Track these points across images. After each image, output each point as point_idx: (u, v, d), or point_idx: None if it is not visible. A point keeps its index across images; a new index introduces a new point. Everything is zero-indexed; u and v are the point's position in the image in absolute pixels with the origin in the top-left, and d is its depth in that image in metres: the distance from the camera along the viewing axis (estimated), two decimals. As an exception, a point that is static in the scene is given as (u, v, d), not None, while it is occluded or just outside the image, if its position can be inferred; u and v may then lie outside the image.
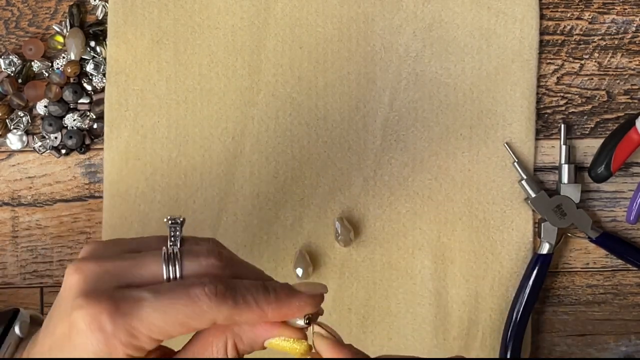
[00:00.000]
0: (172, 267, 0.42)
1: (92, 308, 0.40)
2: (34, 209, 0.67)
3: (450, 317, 0.68)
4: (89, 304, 0.40)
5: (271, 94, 0.67)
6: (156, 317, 0.40)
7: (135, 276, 0.42)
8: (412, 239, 0.68)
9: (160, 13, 0.67)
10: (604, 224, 0.70)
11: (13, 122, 0.66)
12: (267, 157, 0.67)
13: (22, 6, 0.67)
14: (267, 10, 0.67)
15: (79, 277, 0.41)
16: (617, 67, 0.69)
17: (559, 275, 0.70)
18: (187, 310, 0.40)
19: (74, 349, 0.41)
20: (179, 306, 0.40)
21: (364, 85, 0.67)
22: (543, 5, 0.68)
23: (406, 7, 0.67)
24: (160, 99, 0.67)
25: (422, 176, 0.68)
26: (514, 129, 0.68)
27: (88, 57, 0.67)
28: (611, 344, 0.71)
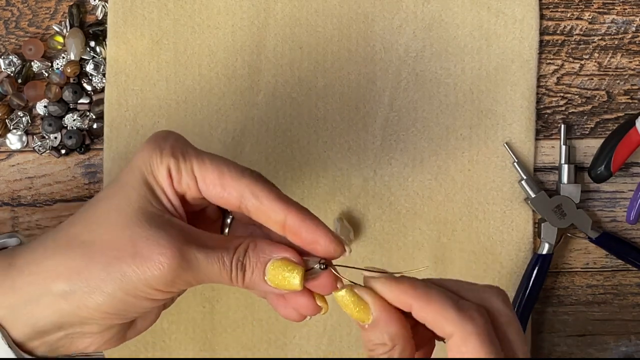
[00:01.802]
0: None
1: (170, 130, 0.47)
2: (33, 209, 0.67)
3: (450, 317, 0.68)
4: (166, 130, 0.47)
5: (271, 94, 0.67)
6: (209, 157, 0.45)
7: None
8: (412, 239, 0.68)
9: (160, 13, 0.67)
10: (604, 224, 0.70)
11: (13, 122, 0.66)
12: (267, 157, 0.67)
13: (22, 6, 0.67)
14: (267, 10, 0.67)
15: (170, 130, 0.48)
16: (617, 67, 0.69)
17: (559, 275, 0.70)
18: (231, 166, 0.45)
19: (131, 160, 0.46)
20: (228, 162, 0.45)
21: (364, 85, 0.67)
22: (543, 5, 0.68)
23: (406, 7, 0.67)
24: (160, 99, 0.67)
25: (422, 176, 0.68)
26: (514, 129, 0.68)
27: (88, 57, 0.67)
28: (611, 344, 0.71)
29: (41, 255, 0.45)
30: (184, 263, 0.43)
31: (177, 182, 0.45)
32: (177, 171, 0.45)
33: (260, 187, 0.45)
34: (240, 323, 0.68)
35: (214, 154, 0.46)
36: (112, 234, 0.44)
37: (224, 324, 0.68)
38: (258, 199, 0.45)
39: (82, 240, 0.44)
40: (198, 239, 0.45)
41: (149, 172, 0.45)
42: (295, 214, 0.45)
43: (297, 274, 0.45)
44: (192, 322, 0.68)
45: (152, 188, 0.45)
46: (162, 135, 0.46)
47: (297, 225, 0.45)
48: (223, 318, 0.68)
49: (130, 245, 0.43)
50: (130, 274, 0.43)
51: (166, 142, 0.46)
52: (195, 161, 0.45)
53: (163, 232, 0.44)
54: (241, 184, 0.45)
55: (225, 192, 0.45)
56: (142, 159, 0.45)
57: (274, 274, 0.45)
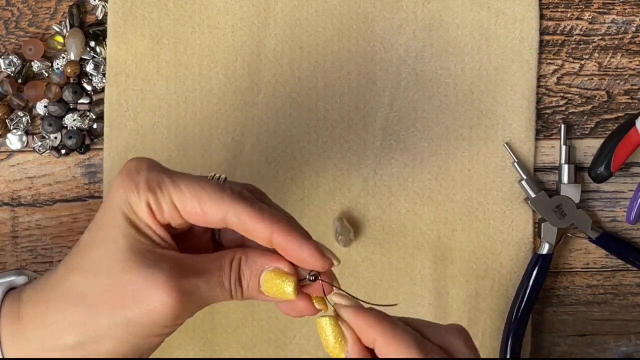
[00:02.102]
0: (215, 178, 0.47)
1: (141, 158, 0.46)
2: (33, 209, 0.67)
3: (450, 317, 0.68)
4: (142, 157, 0.46)
5: (271, 94, 0.67)
6: (184, 183, 0.45)
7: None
8: (412, 239, 0.68)
9: (160, 13, 0.67)
10: (604, 224, 0.70)
11: (13, 122, 0.66)
12: (267, 157, 0.67)
13: (22, 6, 0.67)
14: (267, 10, 0.67)
15: (140, 157, 0.47)
16: (617, 67, 0.69)
17: (559, 275, 0.70)
18: (210, 190, 0.44)
19: (106, 199, 0.46)
20: (206, 185, 0.45)
21: (364, 85, 0.67)
22: (543, 5, 0.68)
23: (406, 7, 0.67)
24: (160, 99, 0.67)
25: (422, 176, 0.68)
26: (514, 129, 0.68)
27: (88, 57, 0.67)
28: (611, 344, 0.71)
29: (45, 309, 0.46)
30: (186, 296, 0.44)
31: (159, 215, 0.45)
32: (157, 205, 0.45)
33: (241, 207, 0.44)
34: (240, 323, 0.68)
35: (190, 177, 0.46)
36: (110, 282, 0.44)
37: (224, 324, 0.68)
38: (240, 219, 0.45)
39: (82, 292, 0.45)
40: (193, 267, 0.45)
41: (130, 211, 0.45)
42: (279, 232, 0.45)
43: (290, 284, 0.45)
44: (192, 322, 0.68)
45: (136, 226, 0.45)
46: (134, 167, 0.46)
47: (281, 243, 0.45)
48: (223, 318, 0.68)
49: (130, 291, 0.44)
50: (135, 319, 0.44)
51: (140, 175, 0.45)
52: (172, 191, 0.45)
53: (158, 270, 0.44)
54: (222, 207, 0.44)
55: (207, 216, 0.45)
56: (120, 198, 0.45)
57: (268, 284, 0.46)
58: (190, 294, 0.44)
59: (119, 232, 0.45)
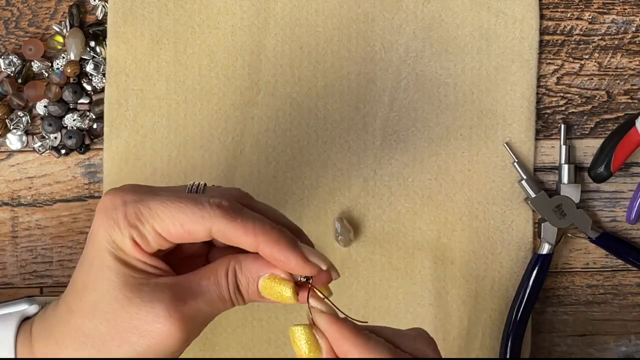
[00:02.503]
0: (194, 189, 0.47)
1: (115, 191, 0.46)
2: (33, 209, 0.67)
3: (450, 317, 0.68)
4: (115, 189, 0.46)
5: (271, 94, 0.67)
6: (161, 209, 0.44)
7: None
8: (412, 239, 0.68)
9: (160, 13, 0.67)
10: (604, 224, 0.70)
11: (13, 122, 0.66)
12: (267, 157, 0.67)
13: (22, 6, 0.67)
14: (267, 10, 0.67)
15: (114, 190, 0.46)
16: (617, 67, 0.69)
17: (559, 275, 0.70)
18: (189, 211, 0.44)
19: (90, 240, 0.46)
20: (184, 206, 0.44)
21: (364, 85, 0.67)
22: (543, 5, 0.68)
23: (406, 7, 0.67)
24: (160, 99, 0.67)
25: (422, 176, 0.68)
26: (514, 129, 0.68)
27: (88, 57, 0.67)
28: (611, 344, 0.71)
29: (55, 347, 0.46)
30: (189, 322, 0.44)
31: (145, 246, 0.45)
32: (142, 238, 0.45)
33: (223, 222, 0.44)
34: (240, 323, 0.68)
35: (168, 198, 0.45)
36: (112, 322, 0.45)
37: (224, 324, 0.68)
38: (224, 234, 0.44)
39: (87, 333, 0.45)
40: (191, 289, 0.45)
41: (116, 249, 0.45)
42: (264, 244, 0.44)
43: (288, 289, 0.45)
44: (192, 322, 0.68)
45: (126, 262, 0.45)
46: (110, 204, 0.45)
47: (267, 254, 0.45)
48: (223, 318, 0.68)
49: (134, 327, 0.44)
50: (142, 352, 0.44)
51: (117, 211, 0.45)
52: (152, 220, 0.44)
53: (157, 302, 0.44)
54: (204, 225, 0.44)
55: (192, 236, 0.45)
56: (103, 238, 0.45)
57: (268, 290, 0.46)
58: (193, 319, 0.45)
59: (110, 272, 0.45)
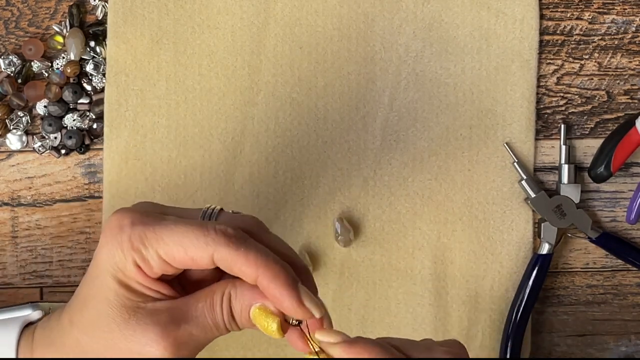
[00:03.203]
0: (207, 216, 0.47)
1: (124, 212, 0.46)
2: (33, 209, 0.67)
3: (450, 317, 0.68)
4: (124, 210, 0.46)
5: (271, 94, 0.67)
6: (167, 234, 0.44)
7: (177, 214, 0.47)
8: (412, 239, 0.68)
9: (160, 13, 0.67)
10: (604, 224, 0.70)
11: (13, 122, 0.66)
12: (267, 157, 0.67)
13: (22, 6, 0.67)
14: (267, 10, 0.67)
15: (131, 207, 0.47)
16: (617, 67, 0.69)
17: (559, 275, 0.70)
18: (193, 237, 0.44)
19: (95, 256, 0.46)
20: (189, 231, 0.44)
21: (364, 85, 0.67)
22: (543, 5, 0.68)
23: (406, 7, 0.67)
24: (160, 99, 0.67)
25: (422, 176, 0.68)
26: (514, 129, 0.68)
27: (88, 57, 0.67)
28: (611, 344, 0.71)
29: (56, 356, 0.47)
30: (181, 346, 0.45)
31: (148, 271, 0.45)
32: (144, 262, 0.45)
33: (226, 251, 0.44)
34: (240, 323, 0.68)
35: (175, 224, 0.45)
36: (109, 341, 0.45)
37: (224, 324, 0.68)
38: (227, 263, 0.44)
39: (85, 349, 0.46)
40: (187, 313, 0.45)
41: (118, 271, 0.45)
42: (263, 276, 0.44)
43: (274, 324, 0.45)
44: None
45: (127, 285, 0.45)
46: (116, 225, 0.45)
47: (264, 287, 0.45)
48: (223, 318, 0.68)
49: (127, 348, 0.45)
50: None
51: (123, 234, 0.45)
52: (157, 245, 0.44)
53: (151, 326, 0.45)
54: (207, 252, 0.44)
55: (195, 263, 0.45)
56: (106, 258, 0.45)
57: (257, 320, 0.46)
58: (185, 343, 0.45)
59: (109, 292, 0.45)
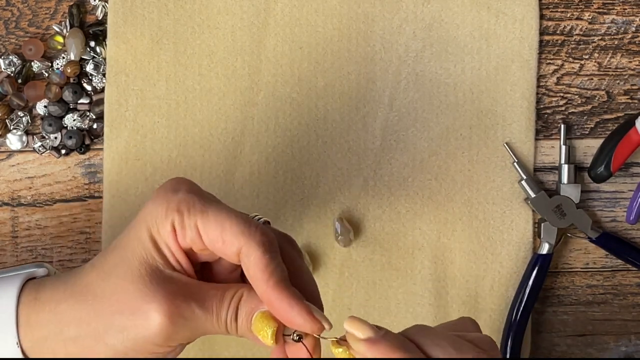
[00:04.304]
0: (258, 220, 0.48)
1: (183, 179, 0.47)
2: (33, 209, 0.67)
3: (450, 317, 0.68)
4: (184, 178, 0.47)
5: (271, 94, 0.67)
6: (212, 210, 0.45)
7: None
8: (412, 239, 0.68)
9: (160, 13, 0.67)
10: (604, 224, 0.70)
11: (13, 122, 0.66)
12: (267, 157, 0.67)
13: (22, 6, 0.67)
14: (267, 10, 0.67)
15: (184, 178, 0.48)
16: (617, 67, 0.69)
17: (559, 275, 0.70)
18: (235, 222, 0.45)
19: (141, 211, 0.47)
20: (232, 215, 0.45)
21: (364, 85, 0.67)
22: (543, 5, 0.68)
23: (406, 7, 0.67)
24: (160, 99, 0.67)
25: (422, 176, 0.68)
26: (513, 129, 0.68)
27: (88, 57, 0.67)
28: (611, 344, 0.71)
29: (60, 296, 0.47)
30: (179, 320, 0.45)
31: (181, 237, 0.46)
32: (181, 226, 0.45)
33: (254, 248, 0.45)
34: (240, 323, 0.68)
35: (223, 206, 0.46)
36: (119, 287, 0.46)
37: (224, 324, 0.68)
38: (247, 260, 0.45)
39: (93, 291, 0.46)
40: (196, 293, 0.46)
41: (154, 227, 0.46)
42: (273, 287, 0.44)
43: (270, 329, 0.45)
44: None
45: (156, 243, 0.46)
46: (172, 187, 0.47)
47: (272, 298, 0.45)
48: (223, 318, 0.68)
49: (132, 300, 0.45)
50: (129, 328, 0.45)
51: (175, 195, 0.46)
52: (199, 215, 0.45)
53: (161, 288, 0.45)
54: (239, 241, 0.45)
55: (225, 247, 0.45)
56: (149, 213, 0.46)
57: (256, 325, 0.46)
58: (184, 319, 0.45)
59: (138, 245, 0.46)
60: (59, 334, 0.47)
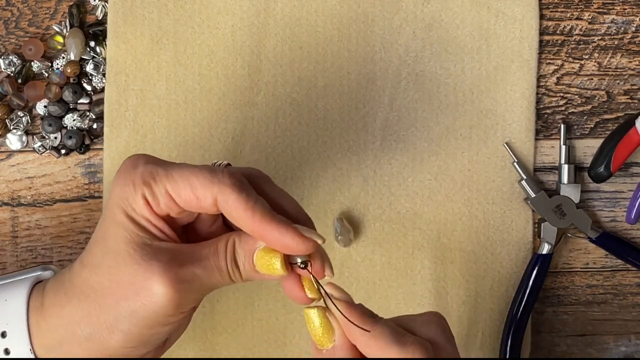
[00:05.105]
0: (218, 166, 0.48)
1: (139, 154, 0.48)
2: (33, 209, 0.67)
3: (450, 317, 0.68)
4: (140, 154, 0.48)
5: (271, 94, 0.67)
6: (177, 172, 0.46)
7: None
8: (412, 239, 0.68)
9: (160, 13, 0.67)
10: (603, 224, 0.70)
11: (13, 122, 0.66)
12: (267, 157, 0.67)
13: (22, 6, 0.67)
14: (267, 10, 0.67)
15: (137, 154, 0.48)
16: (617, 67, 0.69)
17: (559, 275, 0.70)
18: (201, 175, 0.45)
19: (109, 199, 0.47)
20: (198, 171, 0.46)
21: (364, 85, 0.68)
22: (543, 5, 0.68)
23: (406, 7, 0.67)
24: (160, 99, 0.67)
25: (422, 176, 0.68)
26: (513, 129, 0.68)
27: (88, 57, 0.67)
28: (611, 344, 0.71)
29: (63, 299, 0.48)
30: (184, 284, 0.45)
31: (155, 206, 0.46)
32: (153, 197, 0.46)
33: (229, 192, 0.45)
34: (240, 323, 0.68)
35: (185, 165, 0.47)
36: (114, 276, 0.46)
37: (224, 324, 0.68)
38: (227, 206, 0.46)
39: (92, 285, 0.47)
40: (191, 255, 0.46)
41: (128, 206, 0.46)
42: (260, 221, 0.45)
43: (277, 259, 0.46)
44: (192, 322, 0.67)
45: (135, 220, 0.46)
46: (130, 164, 0.47)
47: (263, 231, 0.46)
48: (223, 318, 0.68)
49: (131, 283, 0.46)
50: (138, 310, 0.46)
51: (135, 171, 0.47)
52: (166, 181, 0.46)
53: (155, 262, 0.45)
54: (212, 191, 0.45)
55: (200, 202, 0.46)
56: (118, 195, 0.47)
57: (261, 262, 0.47)
58: (188, 282, 0.46)
59: (119, 228, 0.46)
60: (72, 337, 0.47)
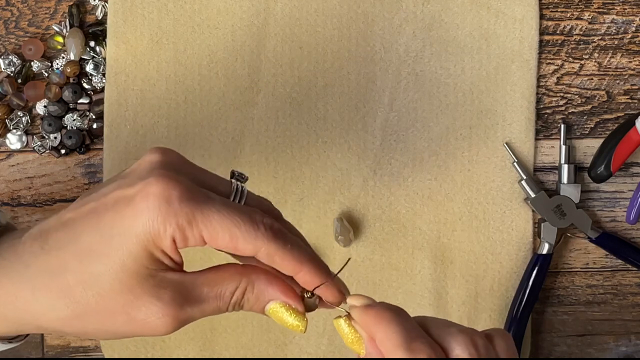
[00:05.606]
0: (238, 195, 0.45)
1: (170, 181, 0.42)
2: (33, 209, 0.67)
3: (450, 317, 0.68)
4: (169, 177, 0.42)
5: (271, 94, 0.67)
6: (216, 219, 0.42)
7: (207, 183, 0.45)
8: (412, 239, 0.68)
9: (160, 13, 0.67)
10: (603, 224, 0.70)
11: (13, 122, 0.66)
12: (266, 157, 0.67)
13: (22, 6, 0.67)
14: (267, 10, 0.67)
15: (162, 157, 0.44)
16: (617, 67, 0.69)
17: (559, 275, 0.70)
18: (243, 228, 0.42)
19: (123, 214, 0.42)
20: (238, 220, 0.42)
21: (364, 85, 0.67)
22: (543, 5, 0.68)
23: (406, 7, 0.67)
24: (160, 99, 0.67)
25: (422, 176, 0.68)
26: (513, 129, 0.68)
27: (88, 57, 0.67)
28: (611, 344, 0.71)
29: (30, 292, 0.44)
30: (180, 323, 0.44)
31: (181, 245, 0.43)
32: (183, 238, 0.42)
33: (274, 247, 0.43)
34: (240, 323, 0.68)
35: (222, 208, 0.43)
36: (105, 299, 0.43)
37: (224, 324, 0.68)
38: (271, 258, 0.44)
39: (75, 295, 0.43)
40: (192, 293, 0.44)
41: (150, 242, 0.42)
42: (307, 272, 0.44)
43: (301, 321, 0.45)
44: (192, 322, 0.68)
45: (152, 254, 0.43)
46: (162, 195, 0.42)
47: (306, 282, 0.45)
48: (223, 318, 0.68)
49: (125, 312, 0.43)
50: (127, 333, 0.44)
51: (169, 208, 0.41)
52: (203, 227, 0.42)
53: (155, 299, 0.43)
54: (255, 246, 0.43)
55: (237, 251, 0.43)
56: (142, 225, 0.42)
57: (275, 315, 0.45)
58: (184, 321, 0.44)
59: (129, 258, 0.42)
60: (38, 328, 0.45)
